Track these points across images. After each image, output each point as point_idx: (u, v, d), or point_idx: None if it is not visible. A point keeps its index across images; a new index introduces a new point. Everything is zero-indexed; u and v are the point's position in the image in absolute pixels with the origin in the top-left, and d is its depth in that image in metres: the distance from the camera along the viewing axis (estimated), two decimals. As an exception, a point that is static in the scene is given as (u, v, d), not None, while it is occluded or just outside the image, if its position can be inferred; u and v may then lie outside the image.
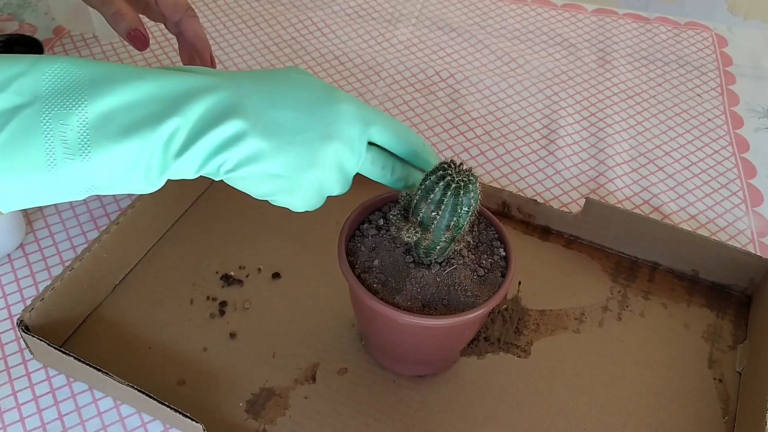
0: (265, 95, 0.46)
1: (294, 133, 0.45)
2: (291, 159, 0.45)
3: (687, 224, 0.72)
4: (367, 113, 0.49)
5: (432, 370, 0.59)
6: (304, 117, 0.46)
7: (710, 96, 0.89)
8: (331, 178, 0.48)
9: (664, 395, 0.58)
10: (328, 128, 0.46)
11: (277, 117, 0.45)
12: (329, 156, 0.46)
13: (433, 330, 0.51)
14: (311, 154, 0.46)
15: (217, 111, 0.43)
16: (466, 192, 0.47)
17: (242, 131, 0.43)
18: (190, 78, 0.44)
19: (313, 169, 0.46)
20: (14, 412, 0.56)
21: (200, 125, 0.43)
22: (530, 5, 1.04)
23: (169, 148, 0.42)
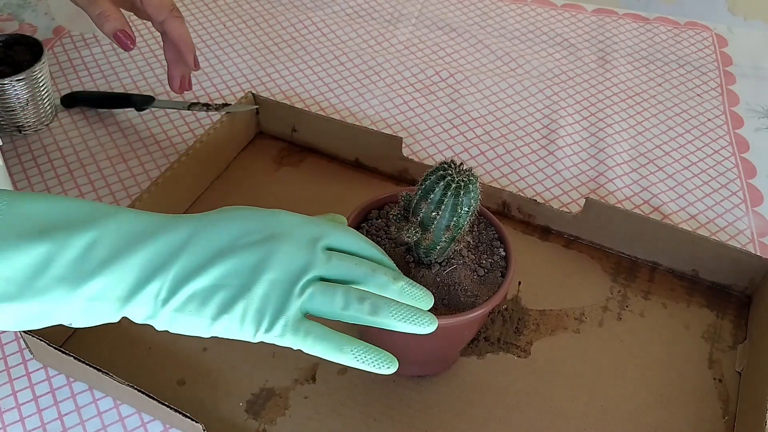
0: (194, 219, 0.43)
1: (235, 239, 0.42)
2: (235, 263, 0.41)
3: (687, 224, 0.72)
4: (313, 220, 0.45)
5: (432, 370, 0.59)
6: (245, 225, 0.42)
7: (710, 96, 0.89)
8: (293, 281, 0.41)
9: (664, 395, 0.58)
10: (272, 230, 0.42)
11: (216, 230, 0.42)
12: (279, 254, 0.41)
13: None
14: (258, 253, 0.41)
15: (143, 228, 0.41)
16: (466, 192, 0.47)
17: (177, 245, 0.40)
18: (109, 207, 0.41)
19: (264, 268, 0.41)
20: (14, 412, 0.56)
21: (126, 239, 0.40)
22: (530, 5, 1.04)
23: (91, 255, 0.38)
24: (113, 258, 0.39)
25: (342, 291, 0.41)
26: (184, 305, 0.40)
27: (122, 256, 0.39)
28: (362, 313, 0.41)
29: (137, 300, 0.39)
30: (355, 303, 0.41)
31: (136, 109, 0.80)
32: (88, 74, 0.88)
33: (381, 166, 0.75)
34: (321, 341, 0.40)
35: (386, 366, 0.41)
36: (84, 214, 0.40)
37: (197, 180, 0.73)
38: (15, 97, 0.75)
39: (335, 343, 0.41)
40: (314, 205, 0.71)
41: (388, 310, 0.42)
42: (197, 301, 0.40)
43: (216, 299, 0.40)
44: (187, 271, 0.40)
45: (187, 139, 0.80)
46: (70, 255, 0.38)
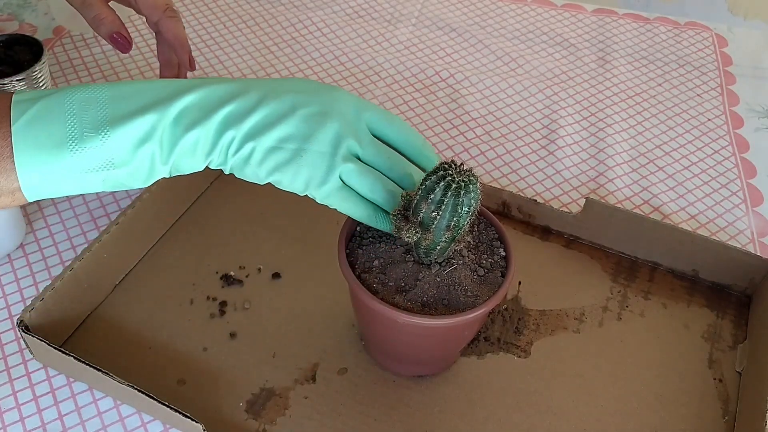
0: (267, 85, 0.50)
1: (294, 108, 0.49)
2: (291, 129, 0.48)
3: (687, 224, 0.72)
4: (362, 102, 0.52)
5: (432, 370, 0.59)
6: (303, 98, 0.49)
7: (710, 96, 0.89)
8: (333, 152, 0.49)
9: (664, 395, 0.58)
10: (325, 107, 0.50)
11: (279, 98, 0.49)
12: (328, 129, 0.49)
13: (433, 330, 0.51)
14: (310, 125, 0.48)
15: (224, 93, 0.48)
16: (466, 192, 0.46)
17: (246, 108, 0.48)
18: (197, 80, 0.49)
19: (313, 139, 0.48)
20: (14, 412, 0.56)
21: (209, 103, 0.47)
22: (530, 5, 1.04)
23: (180, 122, 0.46)
24: (199, 120, 0.47)
25: (374, 177, 0.50)
26: (248, 158, 0.48)
27: (206, 119, 0.47)
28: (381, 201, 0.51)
29: (216, 150, 0.47)
30: (381, 191, 0.50)
31: (137, 109, 0.80)
32: (88, 74, 0.88)
33: (381, 166, 0.75)
34: (355, 206, 0.50)
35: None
36: (176, 89, 0.47)
37: (197, 180, 0.73)
38: (15, 97, 0.75)
39: (369, 209, 0.51)
40: (314, 205, 0.71)
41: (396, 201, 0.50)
42: (258, 157, 0.48)
43: (272, 158, 0.48)
44: (253, 130, 0.48)
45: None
46: (168, 121, 0.46)
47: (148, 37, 0.94)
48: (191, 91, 0.47)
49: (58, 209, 0.71)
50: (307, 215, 0.71)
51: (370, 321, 0.54)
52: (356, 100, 0.52)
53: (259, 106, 0.48)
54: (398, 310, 0.49)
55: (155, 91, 0.47)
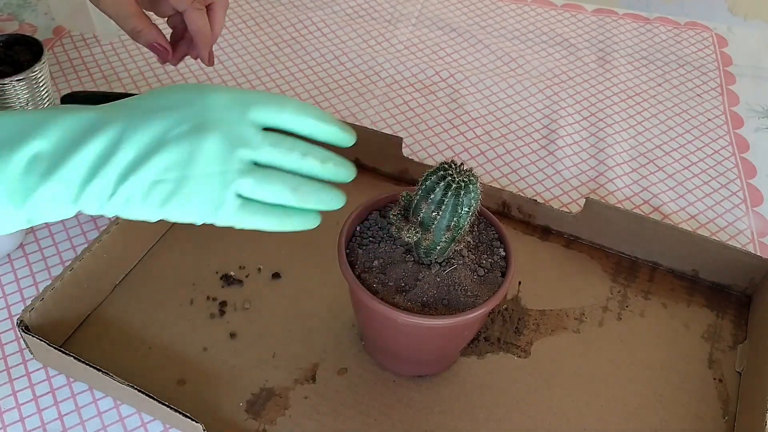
0: (127, 110, 0.44)
1: (164, 133, 0.43)
2: (167, 158, 0.43)
3: (687, 224, 0.72)
4: (243, 95, 0.46)
5: (432, 369, 0.59)
6: (170, 117, 0.44)
7: (710, 96, 0.89)
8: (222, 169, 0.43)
9: (664, 395, 0.58)
10: (198, 119, 0.44)
11: (144, 124, 0.43)
12: (208, 146, 0.43)
13: (433, 330, 0.51)
14: (187, 147, 0.43)
15: (80, 130, 0.42)
16: (466, 192, 0.47)
17: (109, 146, 0.42)
18: (47, 112, 0.43)
19: (194, 162, 0.43)
20: (14, 412, 0.56)
21: (64, 146, 0.42)
22: (530, 5, 1.04)
23: (31, 172, 0.41)
24: (57, 167, 0.41)
25: (279, 182, 0.45)
26: (130, 198, 0.43)
27: (64, 165, 0.41)
28: (294, 202, 0.46)
29: (83, 201, 0.42)
30: (288, 193, 0.46)
31: (136, 109, 0.80)
32: (88, 74, 0.88)
33: (381, 166, 0.75)
34: (264, 217, 0.46)
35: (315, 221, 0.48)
36: (21, 129, 0.42)
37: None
38: (15, 97, 0.75)
39: (277, 218, 0.47)
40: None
41: (315, 197, 0.47)
42: (140, 195, 0.43)
43: (155, 194, 0.43)
44: (123, 171, 0.42)
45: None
46: (17, 170, 0.41)
47: (148, 37, 0.94)
48: (41, 130, 0.42)
49: (58, 209, 0.71)
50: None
51: (371, 321, 0.54)
52: (234, 96, 0.46)
53: (123, 141, 0.42)
54: (398, 310, 0.49)
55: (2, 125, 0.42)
